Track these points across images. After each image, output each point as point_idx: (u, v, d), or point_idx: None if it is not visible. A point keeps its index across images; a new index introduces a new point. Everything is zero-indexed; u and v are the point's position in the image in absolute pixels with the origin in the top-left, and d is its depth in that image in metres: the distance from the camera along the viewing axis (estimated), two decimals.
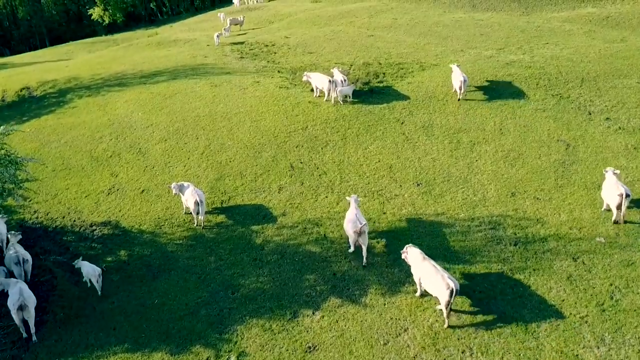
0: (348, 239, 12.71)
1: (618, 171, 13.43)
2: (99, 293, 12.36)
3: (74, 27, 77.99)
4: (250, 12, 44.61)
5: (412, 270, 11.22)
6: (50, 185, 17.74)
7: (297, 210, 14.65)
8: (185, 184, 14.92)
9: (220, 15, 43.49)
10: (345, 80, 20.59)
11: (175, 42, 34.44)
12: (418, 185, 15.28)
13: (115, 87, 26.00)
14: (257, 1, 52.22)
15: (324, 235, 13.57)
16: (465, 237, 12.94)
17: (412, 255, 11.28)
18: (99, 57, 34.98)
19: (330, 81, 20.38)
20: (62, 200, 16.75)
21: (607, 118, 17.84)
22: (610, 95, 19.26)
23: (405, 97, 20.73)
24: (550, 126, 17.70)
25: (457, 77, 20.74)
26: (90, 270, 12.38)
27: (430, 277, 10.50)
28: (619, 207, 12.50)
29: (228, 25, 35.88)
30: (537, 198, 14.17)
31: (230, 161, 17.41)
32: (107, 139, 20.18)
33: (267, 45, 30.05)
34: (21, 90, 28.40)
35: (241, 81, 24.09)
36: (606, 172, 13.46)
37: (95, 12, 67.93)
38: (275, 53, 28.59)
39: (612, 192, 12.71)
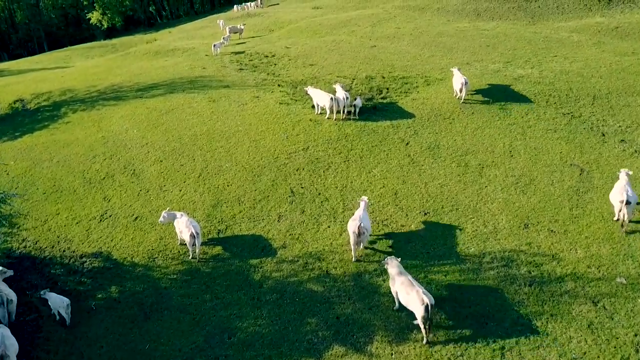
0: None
1: (631, 172, 13.67)
2: (67, 323, 11.86)
3: (73, 31, 77.32)
4: (250, 19, 43.90)
5: (390, 283, 11.37)
6: (40, 209, 17.00)
7: (298, 242, 13.88)
8: (179, 213, 14.16)
9: (220, 22, 42.76)
10: (347, 98, 19.82)
11: (173, 52, 33.69)
12: (425, 214, 14.52)
13: (111, 100, 25.26)
14: (256, 6, 51.50)
15: (327, 271, 12.81)
16: (476, 275, 12.17)
17: (390, 267, 11.37)
18: (95, 66, 34.23)
19: (332, 99, 19.65)
20: (52, 227, 16.00)
21: (622, 140, 17.07)
22: (624, 115, 18.49)
23: (409, 115, 19.97)
24: (562, 148, 16.92)
25: (457, 80, 20.36)
26: (58, 302, 11.87)
27: (406, 291, 10.57)
28: (620, 211, 12.88)
29: (227, 33, 35.15)
30: (552, 230, 13.39)
31: (227, 185, 16.65)
32: (101, 159, 19.43)
33: (267, 56, 29.30)
34: (15, 103, 27.73)
35: (240, 96, 23.34)
36: (619, 172, 13.76)
37: (94, 17, 67.21)
38: (275, 64, 27.84)
39: (616, 196, 13.03)
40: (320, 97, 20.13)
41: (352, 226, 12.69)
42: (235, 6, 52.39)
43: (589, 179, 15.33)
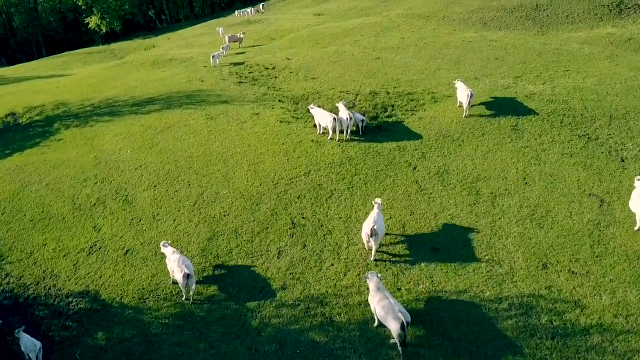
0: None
1: None
2: None
3: (71, 35, 76.43)
4: (251, 26, 42.99)
5: (369, 298, 11.38)
6: (26, 239, 16.07)
7: (299, 283, 12.92)
8: (170, 250, 13.20)
9: (220, 30, 41.84)
10: (350, 118, 18.84)
11: (171, 62, 32.75)
12: (435, 251, 13.54)
13: (105, 116, 24.33)
14: (257, 12, 50.56)
15: (330, 318, 11.84)
16: (493, 324, 11.20)
17: (371, 282, 11.43)
18: (90, 76, 33.30)
19: (334, 119, 18.71)
20: (37, 260, 15.06)
21: None
22: None
23: (416, 136, 19.01)
24: (579, 176, 15.93)
25: (462, 92, 19.62)
26: (29, 345, 11.19)
27: (383, 308, 10.61)
28: None
29: (226, 43, 34.23)
30: (572, 272, 12.41)
31: (224, 215, 15.69)
32: (92, 182, 18.49)
33: (267, 68, 28.34)
34: (6, 117, 26.87)
35: (239, 113, 22.40)
36: (637, 180, 13.61)
37: (92, 21, 66.31)
38: (275, 77, 26.88)
39: (636, 204, 13.02)
40: (322, 117, 19.19)
41: (365, 227, 13.08)
42: (236, 11, 51.46)
43: (609, 211, 14.34)
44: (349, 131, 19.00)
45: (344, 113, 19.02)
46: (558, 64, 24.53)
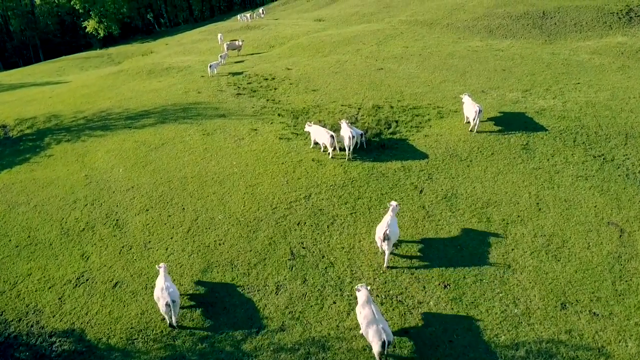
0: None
1: None
2: None
3: (69, 38, 75.68)
4: (250, 32, 42.12)
5: (356, 310, 11.29)
6: (10, 267, 15.15)
7: (299, 323, 12.01)
8: (162, 273, 12.52)
9: (219, 36, 40.97)
10: (353, 137, 17.95)
11: (168, 71, 31.86)
12: (445, 287, 12.63)
13: (98, 130, 23.44)
14: (258, 17, 49.68)
15: None
16: None
17: (360, 296, 11.34)
18: (85, 85, 32.41)
19: (332, 136, 17.99)
20: (21, 293, 14.15)
21: None
22: None
23: (422, 155, 18.11)
24: (596, 201, 15.02)
25: (470, 108, 18.78)
26: None
27: (368, 323, 10.52)
28: None
29: (225, 51, 33.34)
30: (594, 313, 11.50)
31: (220, 244, 14.78)
32: (82, 204, 17.59)
33: (266, 79, 27.45)
34: None
35: (237, 128, 21.50)
36: None
37: (90, 25, 65.54)
38: (275, 89, 25.99)
39: None
40: (320, 135, 18.42)
41: (378, 231, 13.10)
42: (239, 16, 50.46)
43: (631, 243, 13.43)
44: (351, 150, 18.11)
45: (346, 131, 18.12)
46: (568, 76, 23.63)
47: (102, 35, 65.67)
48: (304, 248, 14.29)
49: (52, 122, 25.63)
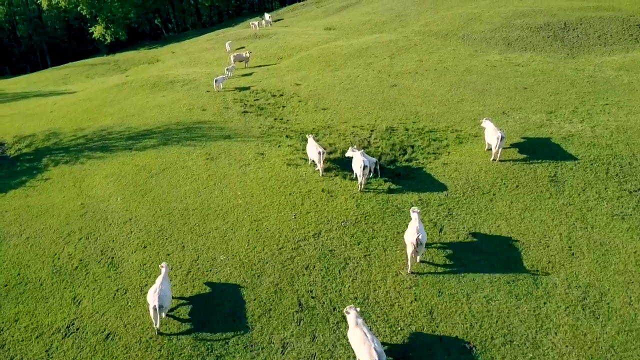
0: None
1: None
2: None
3: (76, 44, 75.06)
4: (258, 41, 40.98)
5: (348, 335, 11.13)
6: None
7: None
8: (163, 274, 12.81)
9: (228, 43, 39.88)
10: (366, 167, 16.67)
11: (172, 85, 30.76)
12: (471, 349, 11.31)
13: (97, 151, 22.36)
14: (267, 25, 48.53)
15: None
16: None
17: (350, 319, 11.18)
18: (88, 98, 31.40)
19: (320, 153, 17.43)
20: (6, 342, 13.02)
21: None
22: None
23: (441, 186, 16.80)
24: (636, 246, 13.63)
25: (492, 134, 17.41)
26: None
27: (360, 344, 10.38)
28: None
29: (232, 63, 32.21)
30: None
31: (221, 290, 13.56)
32: (76, 238, 16.47)
33: (274, 95, 26.25)
34: None
35: (242, 152, 20.31)
36: None
37: (97, 31, 64.79)
38: (283, 107, 24.78)
39: None
40: (310, 150, 18.08)
41: (410, 237, 13.06)
42: (251, 23, 48.97)
43: None
44: (364, 181, 16.84)
45: (357, 161, 16.85)
46: (595, 95, 22.19)
47: (109, 41, 64.87)
48: (313, 298, 13.03)
49: (51, 140, 24.61)
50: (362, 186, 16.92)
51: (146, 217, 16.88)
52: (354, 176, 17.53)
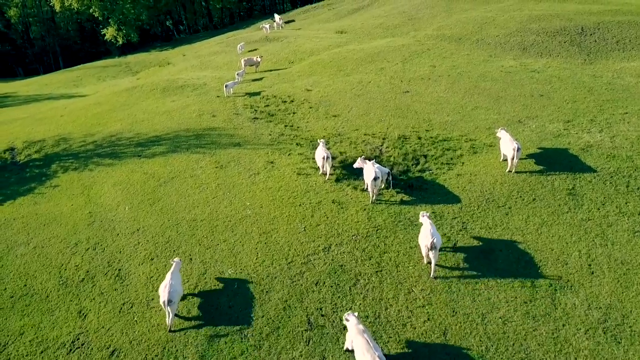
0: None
1: None
2: None
3: (89, 45, 75.41)
4: (269, 45, 40.70)
5: (347, 337, 11.20)
6: (2, 323, 13.88)
7: None
8: (176, 268, 13.26)
9: (240, 45, 39.69)
10: (378, 178, 16.26)
11: (182, 89, 30.56)
12: None
13: (106, 158, 22.19)
14: (278, 27, 48.25)
15: None
16: None
17: (350, 325, 11.13)
18: (98, 102, 31.33)
19: (324, 158, 17.54)
20: (11, 356, 12.84)
21: None
22: None
23: (454, 199, 16.35)
24: None
25: (507, 145, 16.90)
26: None
27: (362, 352, 10.29)
28: None
29: (242, 67, 31.97)
30: None
31: (228, 306, 13.24)
32: (83, 248, 16.28)
33: (284, 101, 25.93)
34: (5, 152, 24.97)
35: (252, 160, 20.02)
36: None
37: (109, 33, 64.98)
38: (294, 113, 24.45)
39: None
40: (316, 155, 18.25)
41: (424, 241, 13.24)
42: (262, 26, 48.65)
43: None
44: (375, 193, 16.45)
45: (369, 172, 16.45)
46: (614, 103, 21.57)
47: (120, 42, 65.03)
48: (322, 315, 12.66)
49: (60, 146, 24.51)
50: (374, 197, 16.52)
51: (154, 228, 16.63)
52: (365, 187, 17.14)
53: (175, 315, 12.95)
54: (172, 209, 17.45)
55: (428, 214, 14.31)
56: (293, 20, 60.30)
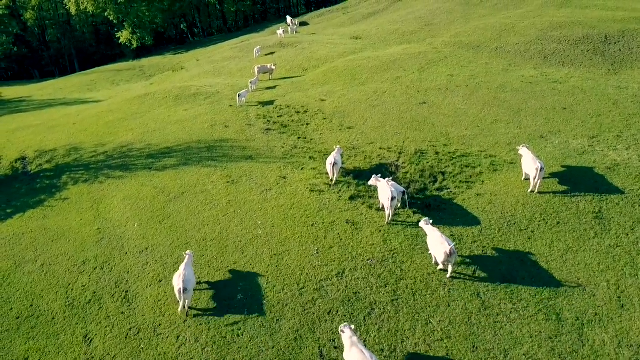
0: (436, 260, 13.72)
1: None
2: None
3: (104, 48, 75.72)
4: (283, 51, 40.23)
5: (344, 356, 10.95)
6: (7, 347, 13.55)
7: None
8: (188, 262, 13.73)
9: (256, 50, 39.32)
10: (394, 198, 15.64)
11: (195, 98, 30.20)
12: None
13: (117, 170, 21.86)
14: (292, 32, 47.76)
15: None
16: None
17: (345, 338, 11.05)
18: (110, 110, 31.09)
19: (332, 164, 17.54)
20: None
21: None
22: None
23: (474, 221, 15.67)
24: None
25: (530, 164, 16.15)
26: None
27: None
28: None
29: (256, 75, 31.52)
30: None
31: (238, 334, 12.74)
32: (91, 267, 15.91)
33: (298, 112, 25.40)
34: (16, 162, 24.81)
35: (264, 175, 19.52)
36: None
37: (123, 36, 65.10)
38: (307, 124, 23.91)
39: None
40: (327, 160, 18.17)
41: (442, 249, 13.21)
42: (277, 32, 48.21)
43: None
44: (392, 213, 15.83)
45: (385, 191, 15.86)
46: None
47: (135, 46, 65.10)
48: (335, 348, 12.09)
49: (71, 156, 24.25)
50: (390, 218, 15.91)
51: (163, 247, 16.20)
52: (380, 206, 16.54)
53: (184, 344, 12.49)
54: (181, 227, 17.01)
55: (431, 221, 14.44)
56: (307, 23, 59.81)
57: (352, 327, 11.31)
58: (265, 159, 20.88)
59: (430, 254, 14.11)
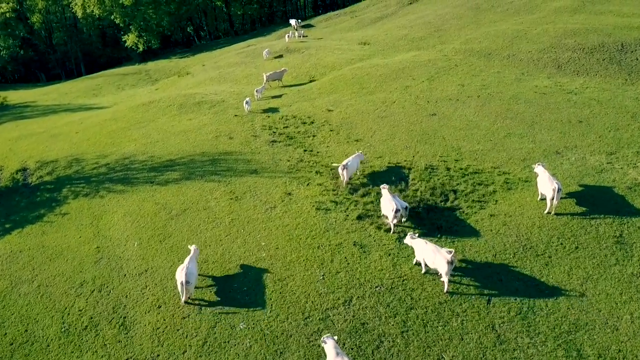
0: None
1: None
2: None
3: (110, 51, 75.49)
4: (289, 56, 39.63)
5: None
6: None
7: None
8: (193, 256, 14.30)
9: (265, 52, 38.83)
10: (398, 210, 15.10)
11: (200, 106, 29.63)
12: None
13: (118, 184, 21.32)
14: (299, 37, 47.15)
15: None
16: None
17: (328, 349, 10.98)
18: (114, 118, 30.60)
19: (342, 167, 18.09)
20: None
21: None
22: None
23: (487, 244, 14.95)
24: None
25: (546, 185, 15.44)
26: None
27: None
28: None
29: (265, 82, 30.94)
30: None
31: None
32: (88, 290, 15.35)
33: (304, 123, 24.76)
34: (17, 173, 24.36)
35: (269, 191, 18.89)
36: None
37: (130, 39, 64.77)
38: (314, 136, 23.25)
39: None
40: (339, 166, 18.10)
41: (443, 257, 13.13)
42: (286, 36, 47.60)
43: None
44: (395, 225, 15.26)
45: (388, 204, 15.36)
46: None
47: (141, 49, 64.75)
48: None
49: (73, 167, 23.76)
50: (394, 228, 15.35)
51: (163, 269, 15.61)
52: (384, 218, 15.95)
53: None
54: (182, 247, 16.42)
55: (417, 235, 14.44)
56: (312, 26, 59.14)
57: (335, 338, 11.36)
58: (270, 174, 20.25)
59: (420, 262, 14.10)
